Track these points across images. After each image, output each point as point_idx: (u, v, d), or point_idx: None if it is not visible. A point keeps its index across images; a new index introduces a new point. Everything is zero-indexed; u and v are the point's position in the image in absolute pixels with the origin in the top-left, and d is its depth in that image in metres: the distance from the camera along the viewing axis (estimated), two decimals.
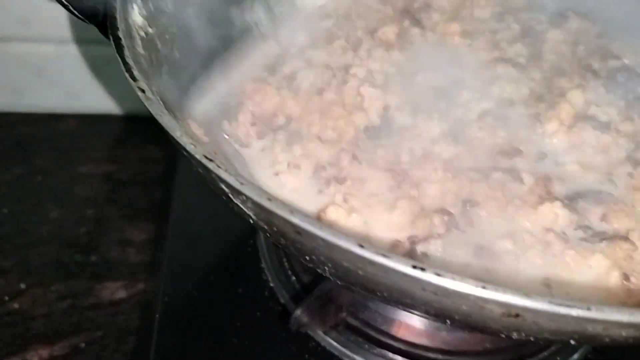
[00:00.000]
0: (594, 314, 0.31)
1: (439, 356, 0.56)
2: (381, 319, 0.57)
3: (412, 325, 0.56)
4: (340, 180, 0.50)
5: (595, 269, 0.48)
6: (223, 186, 0.36)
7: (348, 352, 0.56)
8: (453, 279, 0.31)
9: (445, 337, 0.56)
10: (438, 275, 0.31)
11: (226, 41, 0.63)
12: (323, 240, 0.33)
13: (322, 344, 0.57)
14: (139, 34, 0.49)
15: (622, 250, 0.48)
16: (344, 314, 0.57)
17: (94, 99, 0.95)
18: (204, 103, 0.55)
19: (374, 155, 0.54)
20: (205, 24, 0.61)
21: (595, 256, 0.48)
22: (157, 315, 0.58)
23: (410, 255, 0.46)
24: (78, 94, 0.95)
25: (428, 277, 0.32)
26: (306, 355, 0.56)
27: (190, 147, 0.36)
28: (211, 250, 0.65)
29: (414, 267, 0.32)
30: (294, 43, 0.64)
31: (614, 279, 0.46)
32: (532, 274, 0.47)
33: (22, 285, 0.76)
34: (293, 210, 0.33)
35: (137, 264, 0.81)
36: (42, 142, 0.94)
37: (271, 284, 0.61)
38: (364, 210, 0.49)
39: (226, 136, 0.55)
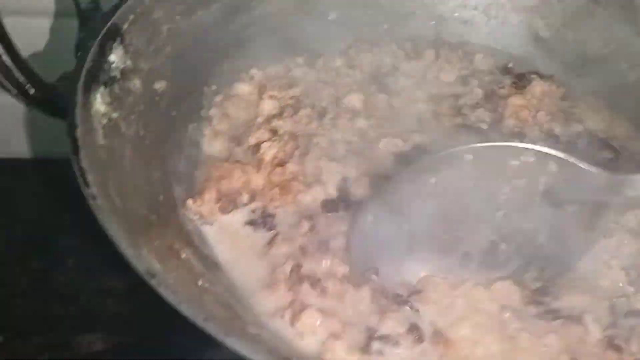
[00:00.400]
0: None
1: None
2: None
3: None
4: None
5: (549, 348, 0.49)
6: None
7: None
8: None
9: None
10: None
11: (192, 115, 0.65)
12: None
13: None
14: (101, 123, 0.51)
15: (575, 333, 0.49)
16: None
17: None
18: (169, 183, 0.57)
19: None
20: (173, 98, 0.62)
21: (549, 336, 0.49)
22: None
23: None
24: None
25: None
26: None
27: (133, 261, 0.38)
28: None
29: None
30: (261, 112, 0.65)
31: None
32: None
33: (1, 338, 0.77)
34: (229, 331, 0.35)
35: (116, 315, 0.82)
36: (23, 191, 0.95)
37: None
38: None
39: (191, 216, 0.56)
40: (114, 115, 0.53)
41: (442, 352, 0.49)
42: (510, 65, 0.73)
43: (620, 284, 0.54)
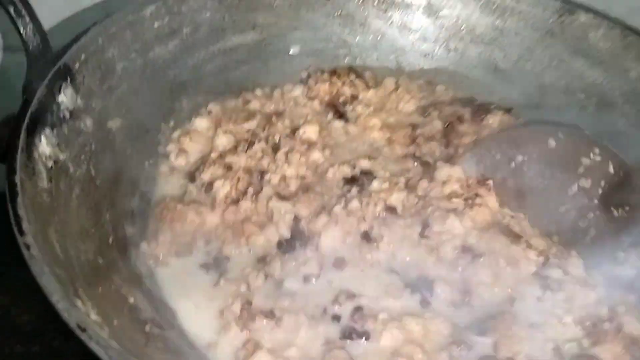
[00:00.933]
0: None
1: None
2: None
3: None
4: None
5: None
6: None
7: None
8: None
9: None
10: None
11: (149, 152, 0.64)
12: None
13: None
14: (45, 166, 0.50)
15: None
16: None
17: None
18: (121, 224, 0.56)
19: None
20: (129, 136, 0.62)
21: None
22: None
23: None
24: None
25: None
26: None
27: (64, 315, 0.37)
28: None
29: None
30: (216, 147, 0.65)
31: None
32: None
33: None
34: None
35: (81, 354, 0.80)
36: None
37: None
38: None
39: (143, 259, 0.56)
40: (61, 156, 0.52)
41: None
42: (473, 96, 0.73)
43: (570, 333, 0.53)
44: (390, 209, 0.59)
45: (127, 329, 0.45)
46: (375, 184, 0.62)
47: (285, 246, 0.57)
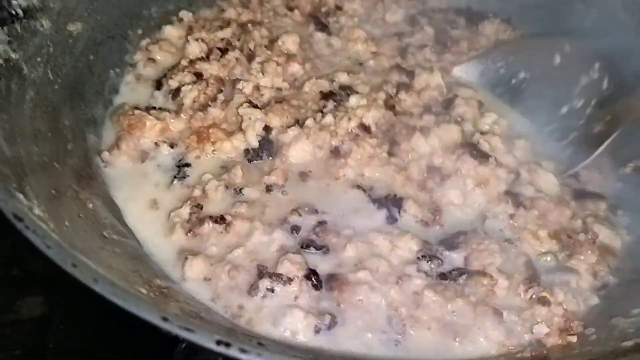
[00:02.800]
0: None
1: None
2: None
3: None
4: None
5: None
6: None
7: None
8: (258, 354, 0.29)
9: None
10: (243, 351, 0.29)
11: (114, 61, 0.60)
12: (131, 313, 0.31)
13: None
14: None
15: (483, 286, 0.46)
16: None
17: None
18: (81, 131, 0.53)
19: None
20: (92, 42, 0.58)
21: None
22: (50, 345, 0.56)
23: None
24: None
25: (233, 352, 0.29)
26: None
27: (1, 204, 0.34)
28: None
29: (218, 342, 0.29)
30: (186, 55, 0.61)
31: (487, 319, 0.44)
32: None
33: None
34: (98, 277, 0.31)
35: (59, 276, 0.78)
36: None
37: None
38: None
39: (104, 166, 0.53)
40: (13, 55, 0.49)
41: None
42: (468, 5, 0.69)
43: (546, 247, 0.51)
44: (364, 127, 0.56)
45: (80, 230, 0.42)
46: (352, 100, 0.58)
47: (252, 155, 0.54)
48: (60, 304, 0.76)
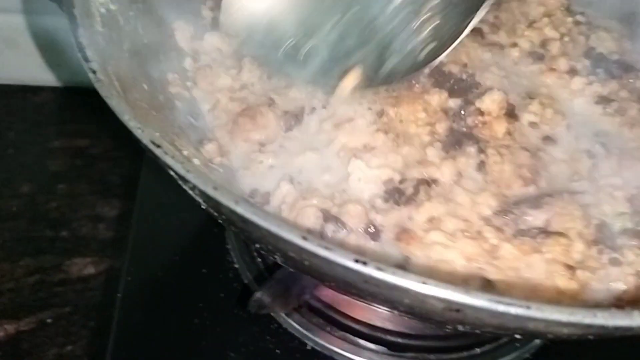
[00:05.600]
0: (533, 312, 0.31)
1: (399, 339, 0.56)
2: (343, 302, 0.57)
3: (373, 308, 0.56)
4: None
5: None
6: (172, 172, 0.36)
7: (309, 334, 0.56)
8: (393, 274, 0.31)
9: (406, 320, 0.57)
10: (379, 269, 0.31)
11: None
12: (267, 230, 0.33)
13: (284, 325, 0.57)
14: (99, 11, 0.48)
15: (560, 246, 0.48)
16: (307, 296, 0.57)
17: (69, 72, 0.94)
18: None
19: None
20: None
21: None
22: (119, 294, 0.58)
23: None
24: (53, 67, 0.93)
25: (369, 270, 0.31)
26: (267, 337, 0.56)
27: (138, 132, 0.36)
28: (177, 229, 0.65)
29: (356, 260, 0.31)
30: None
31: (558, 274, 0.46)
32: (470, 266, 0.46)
33: None
34: (238, 199, 0.33)
35: (107, 240, 0.81)
36: (15, 115, 0.93)
37: (236, 265, 0.61)
38: None
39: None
40: (112, 7, 0.51)
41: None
42: None
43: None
44: None
45: None
46: None
47: None
48: (109, 266, 0.78)
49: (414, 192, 0.50)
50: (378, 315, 0.57)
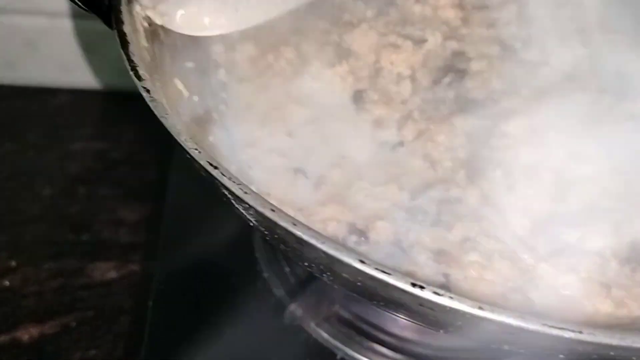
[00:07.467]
0: (585, 337, 0.32)
1: (430, 351, 0.57)
2: (373, 313, 0.58)
3: (404, 320, 0.57)
4: None
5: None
6: (226, 192, 0.37)
7: (339, 345, 0.57)
8: (451, 298, 0.32)
9: (435, 333, 0.57)
10: (436, 294, 0.32)
11: None
12: (325, 253, 0.34)
13: (314, 335, 0.58)
14: (142, 25, 0.49)
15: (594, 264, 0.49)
16: (337, 307, 0.58)
17: (89, 74, 0.94)
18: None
19: None
20: None
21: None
22: (150, 302, 0.59)
23: None
24: (72, 69, 0.93)
25: (427, 295, 0.32)
26: (297, 347, 0.57)
27: (194, 153, 0.36)
28: (205, 236, 0.66)
29: (414, 285, 0.32)
30: None
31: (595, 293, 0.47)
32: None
33: (13, 263, 0.76)
34: (296, 222, 0.34)
35: (129, 245, 0.81)
36: (35, 117, 0.93)
37: (265, 275, 0.62)
38: None
39: None
40: (156, 21, 0.51)
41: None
42: None
43: None
44: None
45: None
46: None
47: None
48: (131, 271, 0.79)
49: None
50: (408, 326, 0.57)
